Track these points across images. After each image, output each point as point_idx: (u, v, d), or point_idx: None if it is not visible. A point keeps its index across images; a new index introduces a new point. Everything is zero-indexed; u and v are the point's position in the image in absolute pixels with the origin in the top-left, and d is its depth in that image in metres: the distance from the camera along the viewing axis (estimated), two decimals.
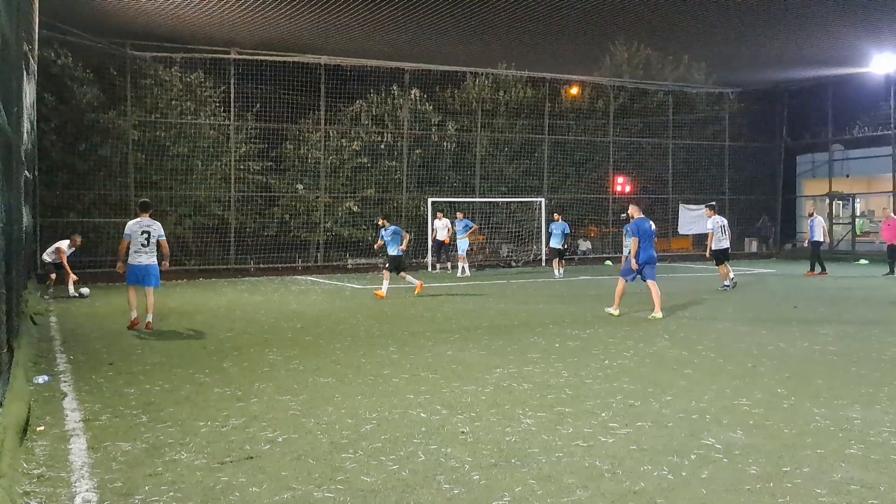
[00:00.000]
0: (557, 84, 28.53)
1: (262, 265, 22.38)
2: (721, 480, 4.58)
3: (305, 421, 5.99)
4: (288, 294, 16.75)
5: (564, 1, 18.66)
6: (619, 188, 28.82)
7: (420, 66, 25.21)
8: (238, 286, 18.74)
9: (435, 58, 24.95)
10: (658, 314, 11.81)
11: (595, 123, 28.86)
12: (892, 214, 21.35)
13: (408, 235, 16.37)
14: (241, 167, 23.22)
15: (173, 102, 22.42)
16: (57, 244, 16.31)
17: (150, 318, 11.13)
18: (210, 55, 22.47)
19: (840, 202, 32.04)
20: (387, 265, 15.71)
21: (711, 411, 6.17)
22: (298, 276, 21.67)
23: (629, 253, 12.20)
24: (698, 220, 28.96)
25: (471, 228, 21.80)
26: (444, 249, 22.87)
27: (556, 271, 20.53)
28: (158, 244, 11.21)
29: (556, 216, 21.00)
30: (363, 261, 24.16)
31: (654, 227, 12.24)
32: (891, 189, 28.86)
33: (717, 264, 17.25)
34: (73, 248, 16.39)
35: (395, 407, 6.39)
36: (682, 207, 29.02)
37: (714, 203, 18.42)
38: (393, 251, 15.41)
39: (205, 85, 23.10)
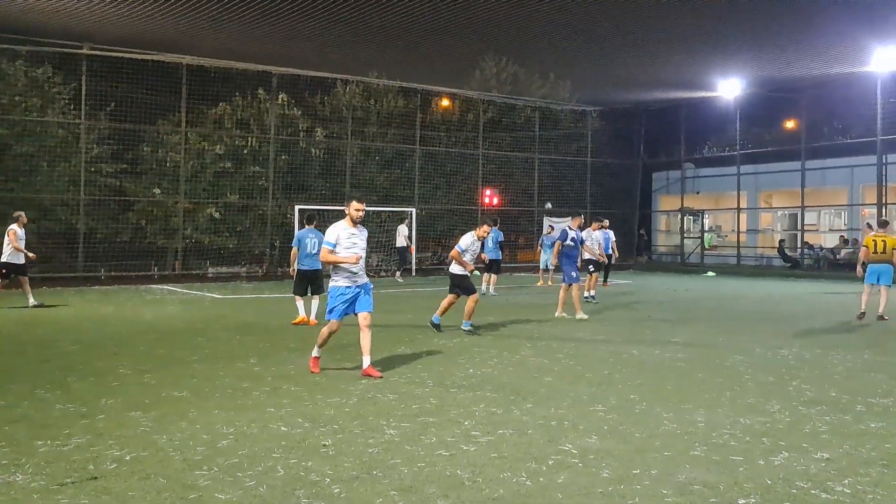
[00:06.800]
0: (429, 96, 28.84)
1: (114, 273, 21.16)
2: (576, 485, 4.71)
3: (157, 438, 5.68)
4: (142, 304, 15.92)
5: (433, 13, 18.91)
6: (487, 200, 29.43)
7: (288, 70, 24.75)
8: (87, 295, 17.62)
9: (304, 63, 24.59)
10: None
11: (465, 136, 29.39)
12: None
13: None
14: (93, 169, 21.88)
15: (17, 98, 20.84)
16: (8, 232, 14.36)
17: None
18: (60, 49, 21.08)
19: (691, 217, 34.25)
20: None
21: (569, 417, 6.36)
22: (154, 285, 20.65)
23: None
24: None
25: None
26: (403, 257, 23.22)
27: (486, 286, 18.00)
28: None
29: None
30: (225, 269, 23.34)
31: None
32: (736, 206, 31.16)
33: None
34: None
35: (254, 421, 6.17)
36: (546, 219, 30.01)
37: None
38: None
39: (53, 81, 21.64)
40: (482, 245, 13.01)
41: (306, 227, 12.79)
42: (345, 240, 8.23)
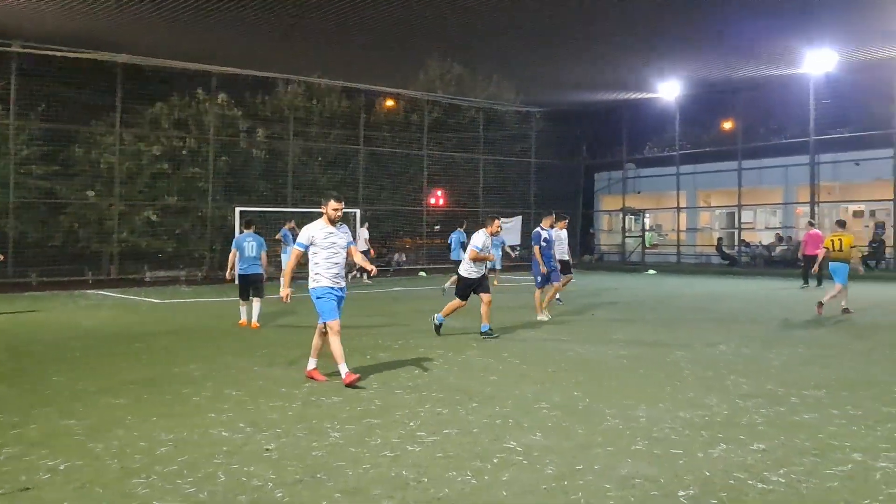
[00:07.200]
0: (372, 96, 28.70)
1: (45, 279, 20.46)
2: (520, 482, 4.73)
3: (92, 446, 5.50)
4: (76, 310, 15.44)
5: (377, 14, 18.82)
6: (432, 201, 29.44)
7: (228, 69, 24.30)
8: (17, 302, 16.99)
9: (244, 62, 24.18)
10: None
11: (410, 136, 29.35)
12: (812, 226, 21.50)
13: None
14: (22, 171, 21.14)
15: None
16: None
17: None
18: None
19: (632, 216, 34.86)
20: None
21: (514, 416, 6.39)
22: (89, 291, 20.03)
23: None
24: (507, 232, 30.27)
25: None
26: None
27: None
28: None
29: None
30: (163, 273, 22.81)
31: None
32: (675, 205, 31.84)
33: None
34: None
35: (194, 427, 6.03)
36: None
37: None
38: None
39: None
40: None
41: (244, 231, 12.85)
42: (321, 240, 7.82)
